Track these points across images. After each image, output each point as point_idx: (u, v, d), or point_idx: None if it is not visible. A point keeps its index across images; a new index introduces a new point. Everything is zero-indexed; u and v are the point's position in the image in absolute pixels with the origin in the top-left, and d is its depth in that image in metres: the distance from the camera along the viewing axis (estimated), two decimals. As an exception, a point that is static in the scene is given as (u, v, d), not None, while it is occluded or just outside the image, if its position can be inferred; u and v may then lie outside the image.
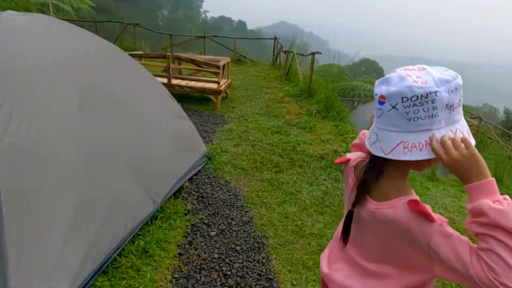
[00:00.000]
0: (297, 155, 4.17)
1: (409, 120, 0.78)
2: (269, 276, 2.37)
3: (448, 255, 0.74)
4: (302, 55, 7.66)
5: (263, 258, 2.53)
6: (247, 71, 9.33)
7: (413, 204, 0.80)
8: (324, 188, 3.52)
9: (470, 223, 0.74)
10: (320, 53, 6.51)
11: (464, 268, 0.72)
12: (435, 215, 0.79)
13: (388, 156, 0.81)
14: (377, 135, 0.84)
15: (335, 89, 12.30)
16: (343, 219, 1.06)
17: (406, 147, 0.79)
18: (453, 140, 0.76)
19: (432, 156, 0.78)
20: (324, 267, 1.10)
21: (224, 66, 6.41)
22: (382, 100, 0.81)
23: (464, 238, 0.76)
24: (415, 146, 0.78)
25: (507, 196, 0.72)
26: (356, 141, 1.20)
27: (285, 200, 3.26)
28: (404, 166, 0.86)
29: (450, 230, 0.77)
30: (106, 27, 12.13)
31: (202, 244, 2.62)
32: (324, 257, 1.14)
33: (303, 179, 3.66)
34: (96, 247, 2.15)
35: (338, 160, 1.08)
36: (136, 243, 2.47)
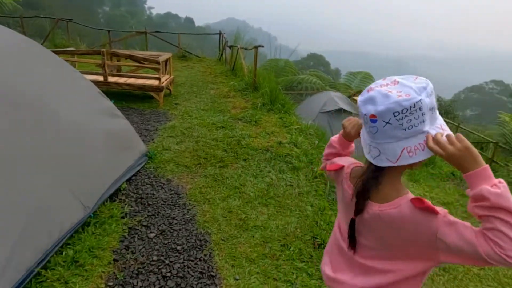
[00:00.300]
0: (242, 148, 4.14)
1: (405, 129, 0.84)
2: (211, 273, 2.30)
3: (455, 240, 0.81)
4: (246, 49, 7.64)
5: (205, 255, 2.46)
6: (192, 67, 9.12)
7: (417, 202, 0.87)
8: (268, 180, 3.52)
9: (473, 207, 0.82)
10: (263, 46, 6.53)
11: (473, 248, 0.78)
12: (437, 208, 0.85)
13: (397, 164, 0.87)
14: (378, 150, 0.89)
15: (282, 82, 12.56)
16: (336, 225, 1.16)
17: (410, 151, 0.85)
18: (448, 137, 0.83)
19: (432, 153, 0.84)
20: (329, 272, 1.14)
21: (166, 62, 6.19)
22: (374, 119, 0.86)
23: (467, 223, 0.83)
24: (418, 148, 0.85)
25: (502, 180, 0.80)
26: (331, 150, 1.24)
27: (229, 195, 3.21)
28: (401, 168, 0.91)
29: (453, 218, 0.84)
30: (36, 24, 11.16)
31: (140, 247, 2.48)
32: (326, 264, 1.18)
33: (247, 172, 3.64)
34: (15, 260, 1.94)
35: (330, 167, 1.13)
36: (64, 253, 2.27)
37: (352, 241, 1.03)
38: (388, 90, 0.85)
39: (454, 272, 2.93)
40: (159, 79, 5.65)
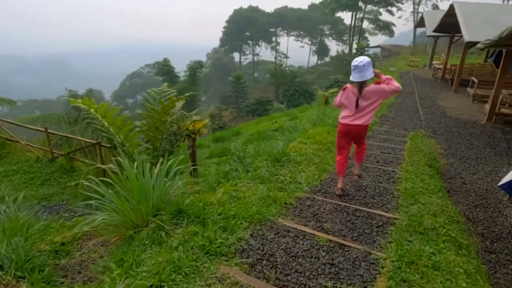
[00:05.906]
0: None
1: (369, 68, 3.70)
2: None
3: (387, 88, 3.75)
4: None
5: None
6: None
7: (376, 82, 3.84)
8: None
9: (385, 82, 3.80)
10: None
11: (390, 88, 3.74)
12: (380, 82, 3.87)
13: (369, 77, 3.70)
14: (365, 74, 3.67)
15: None
16: (343, 112, 4.01)
17: (370, 73, 3.69)
18: (378, 70, 3.89)
19: (374, 74, 3.78)
20: (348, 121, 3.91)
21: None
22: (362, 66, 3.63)
23: (383, 84, 3.87)
24: (372, 73, 3.73)
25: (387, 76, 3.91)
26: (340, 92, 4.01)
27: None
28: (367, 80, 3.76)
29: (385, 84, 3.80)
30: None
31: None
32: (344, 118, 3.95)
33: None
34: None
35: (345, 87, 3.90)
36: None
37: (357, 105, 3.78)
38: (363, 58, 3.65)
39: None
40: None
